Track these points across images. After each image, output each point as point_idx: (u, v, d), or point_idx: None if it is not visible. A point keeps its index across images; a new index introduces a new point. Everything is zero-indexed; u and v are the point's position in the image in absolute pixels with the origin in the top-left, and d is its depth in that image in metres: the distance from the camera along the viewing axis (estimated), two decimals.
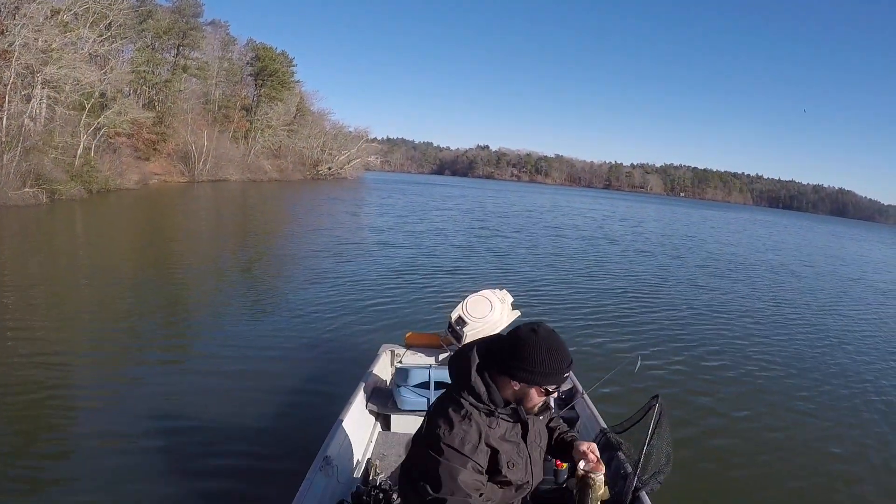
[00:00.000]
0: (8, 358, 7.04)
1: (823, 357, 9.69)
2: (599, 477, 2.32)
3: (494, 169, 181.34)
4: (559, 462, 3.61)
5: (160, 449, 5.11)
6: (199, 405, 6.08)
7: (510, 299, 5.74)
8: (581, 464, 2.37)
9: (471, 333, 5.36)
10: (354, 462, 4.15)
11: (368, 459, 4.23)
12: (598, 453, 2.42)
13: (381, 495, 3.59)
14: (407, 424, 4.79)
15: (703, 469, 5.35)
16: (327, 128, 68.95)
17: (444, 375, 4.67)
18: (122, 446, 5.09)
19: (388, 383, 5.29)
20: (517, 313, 5.78)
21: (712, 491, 5.05)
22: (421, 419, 4.51)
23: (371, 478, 3.90)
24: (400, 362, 5.52)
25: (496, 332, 5.42)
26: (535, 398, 2.30)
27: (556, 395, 2.39)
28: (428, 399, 4.65)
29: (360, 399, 4.71)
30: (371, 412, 4.85)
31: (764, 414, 6.88)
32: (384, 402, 4.90)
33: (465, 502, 2.10)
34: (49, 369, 6.67)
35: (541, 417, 2.49)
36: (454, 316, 5.54)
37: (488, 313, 5.44)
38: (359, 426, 4.48)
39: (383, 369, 5.52)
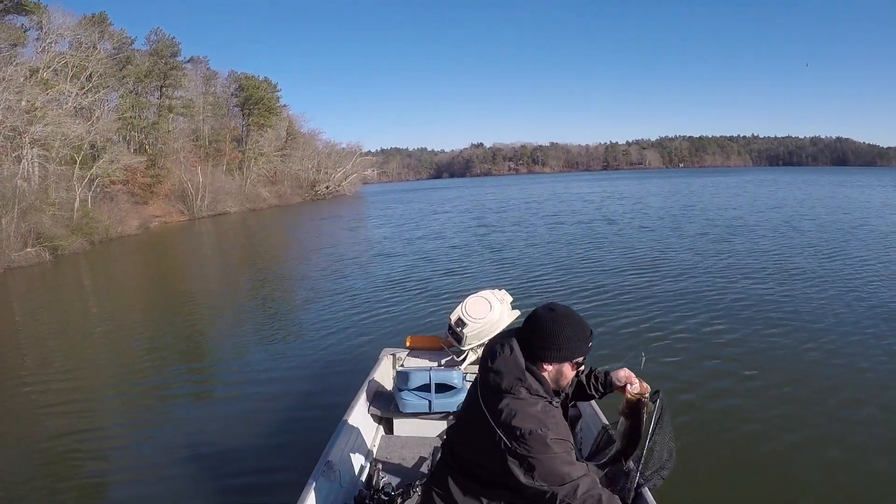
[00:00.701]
0: (32, 408, 7.41)
1: (838, 309, 9.57)
2: (647, 395, 2.60)
3: (491, 165, 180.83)
4: None
5: (169, 464, 5.56)
6: (208, 423, 6.57)
7: (509, 299, 5.83)
8: (629, 387, 2.59)
9: (471, 334, 5.44)
10: (357, 466, 4.19)
11: (371, 463, 4.27)
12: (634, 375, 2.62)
13: (384, 499, 3.67)
14: (409, 428, 4.84)
15: (712, 459, 5.06)
16: (320, 147, 69.01)
17: (444, 377, 4.78)
18: (134, 466, 5.65)
19: (389, 387, 5.32)
20: (517, 313, 5.83)
21: (720, 483, 4.77)
22: (422, 421, 4.68)
23: (374, 482, 3.95)
24: (401, 366, 5.58)
25: (497, 331, 5.50)
26: (569, 374, 2.41)
27: (583, 366, 2.52)
28: (429, 401, 4.69)
29: (361, 403, 4.76)
30: (373, 416, 4.88)
31: (780, 393, 6.44)
32: (386, 405, 4.92)
33: (593, 480, 2.25)
34: (71, 414, 7.06)
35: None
36: (454, 317, 5.65)
37: (487, 313, 5.52)
38: (361, 430, 4.53)
39: (385, 373, 5.56)
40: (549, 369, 2.35)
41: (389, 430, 4.92)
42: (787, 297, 10.54)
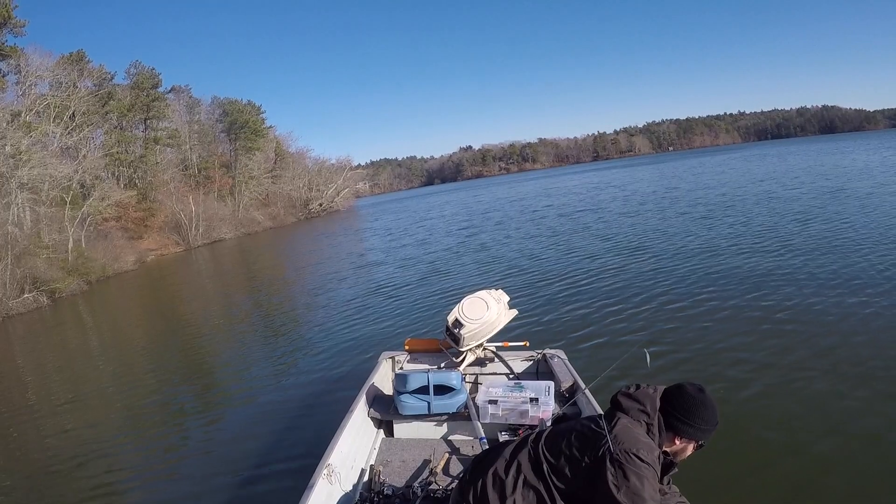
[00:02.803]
0: (41, 435, 7.60)
1: (835, 275, 9.61)
2: None
3: (482, 167, 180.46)
4: None
5: (174, 473, 5.84)
6: (211, 434, 6.82)
7: (506, 298, 5.84)
8: None
9: (468, 335, 5.46)
10: (358, 469, 4.23)
11: (372, 466, 4.30)
12: None
13: (384, 501, 3.72)
14: (409, 430, 4.84)
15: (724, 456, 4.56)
16: (309, 165, 69.24)
17: (442, 379, 4.77)
18: (141, 478, 5.85)
19: (389, 390, 5.34)
20: (514, 312, 5.88)
21: (728, 482, 4.38)
22: (422, 424, 4.71)
23: (374, 484, 3.99)
24: (400, 368, 5.62)
25: (495, 331, 5.57)
26: (689, 451, 2.52)
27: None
28: (428, 403, 4.69)
29: (361, 407, 4.79)
30: (373, 419, 4.90)
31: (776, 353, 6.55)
32: (386, 408, 4.94)
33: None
34: (81, 438, 7.24)
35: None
36: (451, 319, 5.66)
37: (484, 313, 5.54)
38: (361, 433, 4.57)
39: (384, 376, 5.60)
40: (676, 443, 2.47)
41: (389, 432, 4.93)
42: (770, 264, 10.79)
